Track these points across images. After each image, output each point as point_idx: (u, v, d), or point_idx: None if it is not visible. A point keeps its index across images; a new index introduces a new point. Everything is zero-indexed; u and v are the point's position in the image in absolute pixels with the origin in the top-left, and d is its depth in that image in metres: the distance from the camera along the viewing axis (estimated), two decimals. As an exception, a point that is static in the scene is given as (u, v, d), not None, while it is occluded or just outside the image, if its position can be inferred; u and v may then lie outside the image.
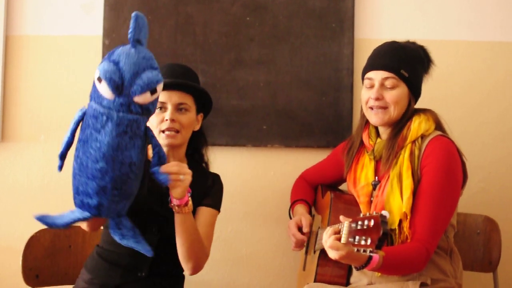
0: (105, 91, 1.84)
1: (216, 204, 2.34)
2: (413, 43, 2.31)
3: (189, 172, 2.04)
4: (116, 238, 1.98)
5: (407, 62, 2.20)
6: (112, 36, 2.89)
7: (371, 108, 2.23)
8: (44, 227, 2.49)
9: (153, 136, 1.99)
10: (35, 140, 2.92)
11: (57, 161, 2.85)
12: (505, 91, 2.92)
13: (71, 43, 2.92)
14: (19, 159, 2.92)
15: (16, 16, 2.93)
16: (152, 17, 2.90)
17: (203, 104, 2.36)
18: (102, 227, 2.32)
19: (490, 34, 2.92)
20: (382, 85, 2.20)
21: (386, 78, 2.19)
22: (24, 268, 2.46)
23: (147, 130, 1.97)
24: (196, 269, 2.21)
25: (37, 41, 2.93)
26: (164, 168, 1.99)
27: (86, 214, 1.92)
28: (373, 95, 2.21)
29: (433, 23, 2.92)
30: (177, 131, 2.26)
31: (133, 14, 1.91)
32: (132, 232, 2.00)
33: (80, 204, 1.92)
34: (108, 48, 2.85)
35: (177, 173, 2.00)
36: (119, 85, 1.83)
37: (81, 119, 1.90)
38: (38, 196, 2.90)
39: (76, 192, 1.92)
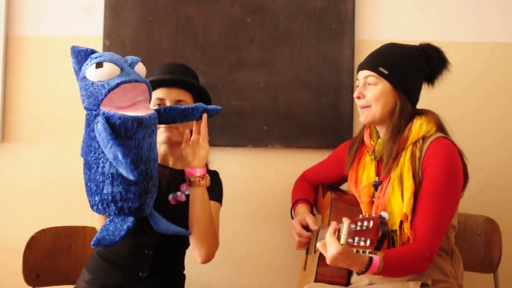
0: (110, 69, 1.90)
1: (217, 197, 2.35)
2: (421, 44, 2.31)
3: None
4: (162, 230, 2.04)
5: (388, 60, 2.22)
6: (113, 37, 2.89)
7: (360, 107, 2.26)
8: (44, 226, 2.53)
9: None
10: (35, 140, 2.92)
11: (57, 162, 2.89)
12: (505, 92, 2.92)
13: (71, 44, 2.86)
14: (20, 159, 2.92)
15: (17, 17, 2.93)
16: (152, 18, 2.90)
17: (202, 102, 2.36)
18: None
19: (490, 35, 2.92)
20: (365, 84, 2.24)
21: (367, 76, 2.23)
22: (25, 268, 2.46)
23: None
24: (208, 255, 2.21)
25: (38, 41, 2.93)
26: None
27: (131, 219, 1.94)
28: (355, 94, 2.25)
29: (433, 24, 2.93)
30: (176, 128, 2.28)
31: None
32: (165, 221, 2.07)
33: (118, 211, 1.94)
34: (108, 49, 2.86)
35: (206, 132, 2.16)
36: (118, 60, 1.93)
37: (108, 124, 1.88)
38: (38, 197, 2.90)
39: (112, 200, 1.92)
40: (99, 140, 1.86)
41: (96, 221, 2.09)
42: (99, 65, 1.90)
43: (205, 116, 2.14)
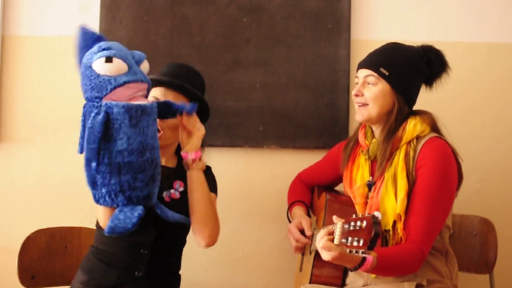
0: (119, 66, 1.94)
1: (213, 188, 2.35)
2: (423, 46, 2.31)
3: (203, 127, 2.23)
4: (170, 219, 2.10)
5: (390, 61, 2.22)
6: (108, 37, 2.84)
7: (358, 105, 2.26)
8: (40, 227, 2.53)
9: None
10: (31, 141, 2.91)
11: (53, 162, 2.89)
12: (502, 93, 2.92)
13: (67, 43, 2.88)
14: (15, 160, 2.91)
15: (12, 16, 2.92)
16: (149, 18, 2.90)
17: (199, 108, 2.36)
18: (95, 228, 2.31)
19: (487, 35, 2.92)
20: (364, 82, 2.24)
21: (367, 75, 2.23)
22: (20, 269, 2.44)
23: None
24: (211, 238, 2.21)
25: (33, 41, 2.93)
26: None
27: (140, 207, 1.95)
28: (354, 91, 2.25)
29: (430, 24, 2.92)
30: (161, 131, 2.25)
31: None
32: (169, 210, 2.12)
33: (126, 201, 1.95)
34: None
35: (195, 121, 2.18)
36: (127, 57, 1.97)
37: (105, 124, 1.91)
38: (34, 197, 2.90)
39: (120, 190, 1.93)
40: (88, 131, 1.89)
41: (100, 214, 2.07)
42: (108, 59, 1.92)
43: (185, 115, 2.20)
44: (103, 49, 1.97)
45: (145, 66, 2.05)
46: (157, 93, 2.29)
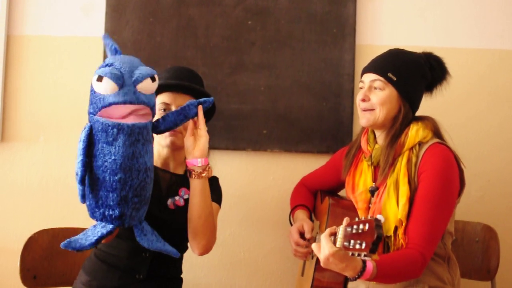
0: (108, 86, 1.88)
1: (217, 199, 2.34)
2: (424, 53, 2.31)
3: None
4: (145, 245, 1.99)
5: (397, 66, 2.22)
6: (114, 38, 2.85)
7: (362, 110, 2.26)
8: (43, 227, 2.53)
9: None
10: (34, 140, 2.92)
11: (56, 162, 2.89)
12: (505, 99, 2.92)
13: (72, 44, 2.93)
14: (19, 159, 2.92)
15: (18, 16, 2.93)
16: (154, 19, 2.90)
17: (207, 108, 2.37)
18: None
19: (491, 42, 2.92)
20: (370, 87, 2.24)
21: (374, 80, 2.23)
22: (22, 269, 2.46)
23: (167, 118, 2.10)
24: (207, 248, 2.20)
25: (38, 41, 2.93)
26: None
27: (110, 227, 1.93)
28: (360, 96, 2.25)
29: (434, 30, 2.92)
30: (180, 132, 2.27)
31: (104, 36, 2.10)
32: (155, 236, 2.04)
33: (102, 217, 1.93)
34: (109, 49, 2.86)
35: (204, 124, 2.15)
36: (119, 77, 1.88)
37: (89, 137, 1.91)
38: (37, 197, 2.91)
39: (96, 206, 1.93)
40: (78, 145, 1.90)
41: None
42: (99, 78, 1.88)
43: (200, 107, 2.13)
44: (105, 65, 1.93)
45: (145, 85, 1.94)
46: (165, 99, 2.28)
